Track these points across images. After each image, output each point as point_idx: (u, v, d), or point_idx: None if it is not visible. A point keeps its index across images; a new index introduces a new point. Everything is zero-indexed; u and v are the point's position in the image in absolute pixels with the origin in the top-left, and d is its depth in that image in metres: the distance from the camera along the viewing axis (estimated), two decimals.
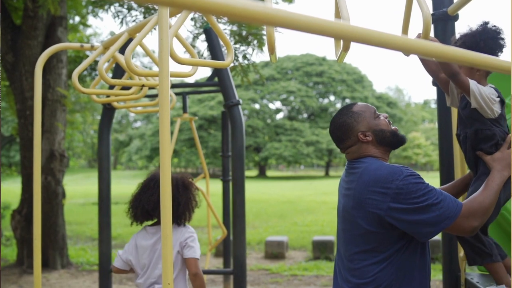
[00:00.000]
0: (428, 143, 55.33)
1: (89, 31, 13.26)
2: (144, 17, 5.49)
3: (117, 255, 2.93)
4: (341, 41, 2.31)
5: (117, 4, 5.45)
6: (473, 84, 1.97)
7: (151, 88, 3.36)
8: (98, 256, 4.34)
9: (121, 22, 5.43)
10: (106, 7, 5.62)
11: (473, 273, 2.66)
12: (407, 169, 1.95)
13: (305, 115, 49.05)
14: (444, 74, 2.03)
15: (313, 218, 13.92)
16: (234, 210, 4.12)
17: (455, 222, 1.83)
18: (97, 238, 10.43)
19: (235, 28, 5.20)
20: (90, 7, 9.99)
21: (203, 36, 5.71)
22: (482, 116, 2.01)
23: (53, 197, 7.76)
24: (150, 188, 2.84)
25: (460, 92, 2.17)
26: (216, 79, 4.31)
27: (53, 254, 7.75)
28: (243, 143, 4.14)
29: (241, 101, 4.22)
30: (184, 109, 4.84)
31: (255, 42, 5.64)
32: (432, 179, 2.12)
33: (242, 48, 5.38)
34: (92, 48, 3.04)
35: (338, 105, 49.35)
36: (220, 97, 40.71)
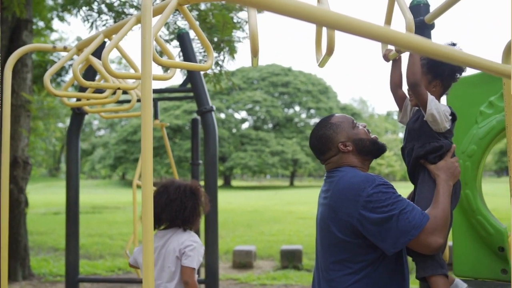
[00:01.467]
0: (391, 153, 56.34)
1: (54, 36, 12.98)
2: (115, 22, 5.39)
3: (134, 252, 3.08)
4: (323, 45, 2.31)
5: (86, 8, 5.33)
6: (431, 97, 2.01)
7: (124, 92, 3.28)
8: (64, 266, 4.19)
9: (91, 26, 5.30)
10: (74, 11, 5.48)
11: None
12: (380, 179, 1.96)
13: (270, 125, 49.24)
14: (407, 81, 2.04)
15: (280, 228, 13.91)
16: (207, 219, 4.06)
17: (421, 236, 1.83)
18: (60, 249, 10.20)
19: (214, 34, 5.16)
20: (55, 12, 9.78)
21: (174, 42, 5.65)
22: (431, 130, 2.04)
23: (16, 205, 7.49)
24: (159, 193, 2.96)
25: (412, 108, 2.22)
26: (189, 85, 4.26)
27: (14, 265, 7.45)
28: (216, 151, 4.09)
29: (214, 108, 4.17)
30: (155, 115, 4.76)
31: (226, 49, 5.62)
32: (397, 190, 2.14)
33: (215, 54, 5.34)
34: (65, 49, 2.94)
35: (303, 116, 49.80)
36: (185, 106, 40.48)
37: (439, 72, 2.09)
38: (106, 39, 2.71)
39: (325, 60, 2.19)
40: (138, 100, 3.65)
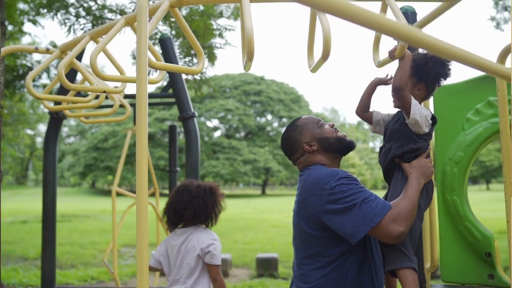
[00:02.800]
0: (362, 162, 57.03)
1: (26, 39, 12.68)
2: (93, 26, 5.30)
3: (151, 255, 3.23)
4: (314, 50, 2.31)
5: (63, 11, 5.22)
6: (414, 102, 2.04)
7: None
8: (35, 276, 4.05)
9: (69, 30, 5.20)
10: (50, 14, 5.36)
11: (438, 284, 2.70)
12: (344, 172, 2.03)
13: (242, 134, 49.23)
14: (393, 84, 2.05)
15: (254, 236, 13.85)
16: None
17: (382, 223, 1.87)
18: (30, 258, 9.93)
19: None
20: (27, 16, 9.58)
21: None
22: (410, 132, 2.07)
23: None
24: (180, 191, 3.15)
25: (383, 120, 2.27)
26: (170, 90, 4.20)
27: None
28: (198, 156, 4.04)
29: (196, 114, 4.12)
30: (135, 121, 4.66)
31: (205, 55, 5.58)
32: None
33: (195, 60, 5.30)
34: (48, 51, 2.86)
35: (275, 124, 49.97)
36: (157, 114, 40.17)
37: (424, 75, 2.11)
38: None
39: (318, 65, 2.18)
40: (121, 105, 3.58)
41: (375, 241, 2.11)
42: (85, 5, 5.33)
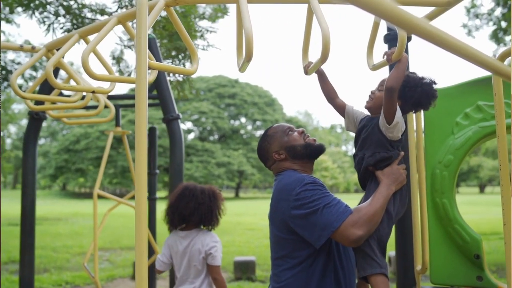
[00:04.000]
0: (335, 166, 57.50)
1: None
2: (73, 25, 5.20)
3: (157, 259, 3.40)
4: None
5: (42, 10, 5.11)
6: (399, 108, 2.07)
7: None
8: (18, 281, 3.94)
9: (47, 29, 5.08)
10: (28, 13, 5.23)
11: (427, 286, 2.72)
12: (310, 178, 2.11)
13: (216, 136, 49.11)
14: (387, 84, 2.05)
15: (230, 239, 13.80)
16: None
17: (341, 228, 1.94)
18: None
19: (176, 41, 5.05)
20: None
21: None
22: (380, 139, 2.10)
23: None
24: (185, 196, 3.26)
25: (354, 114, 2.31)
26: (155, 91, 4.14)
27: None
28: (183, 159, 4.00)
29: (181, 116, 4.07)
30: (117, 122, 4.58)
31: (188, 58, 5.54)
32: None
33: (176, 62, 5.24)
34: (33, 49, 2.79)
35: (249, 127, 50.03)
36: (130, 116, 39.68)
37: (408, 95, 2.12)
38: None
39: (315, 66, 2.17)
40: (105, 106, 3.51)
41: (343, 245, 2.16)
42: (65, 3, 5.22)
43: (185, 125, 48.13)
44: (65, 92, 3.90)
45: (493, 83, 1.88)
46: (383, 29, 3.06)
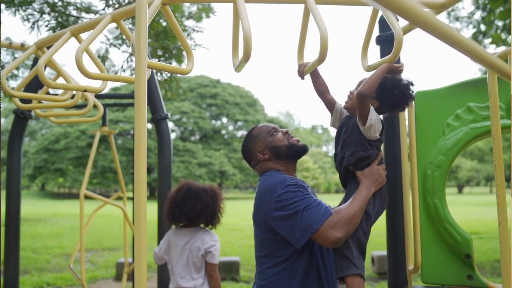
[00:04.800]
0: (316, 166, 57.75)
1: None
2: (58, 23, 5.13)
3: (154, 253, 3.51)
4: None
5: (26, 6, 5.02)
6: (372, 109, 2.09)
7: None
8: (2, 283, 3.87)
9: (32, 27, 5.00)
10: (13, 9, 5.14)
11: (418, 286, 2.74)
12: (292, 180, 2.15)
13: (197, 137, 48.93)
14: (360, 90, 2.07)
15: None
16: (161, 230, 3.91)
17: (320, 229, 1.98)
18: None
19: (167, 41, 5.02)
20: None
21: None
22: (360, 139, 2.13)
23: None
24: (191, 197, 3.35)
25: (341, 112, 2.33)
26: None
27: None
28: (171, 159, 3.97)
29: (169, 115, 4.05)
30: (104, 122, 4.53)
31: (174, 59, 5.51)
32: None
33: (164, 61, 5.20)
34: (22, 47, 2.74)
35: (231, 128, 49.98)
36: (111, 115, 39.32)
37: (385, 96, 2.15)
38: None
39: (313, 66, 2.18)
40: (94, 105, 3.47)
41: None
42: (50, 0, 5.15)
43: None
44: (51, 91, 3.84)
45: (489, 85, 1.91)
46: (375, 31, 3.08)
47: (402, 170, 2.77)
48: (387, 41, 2.88)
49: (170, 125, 46.29)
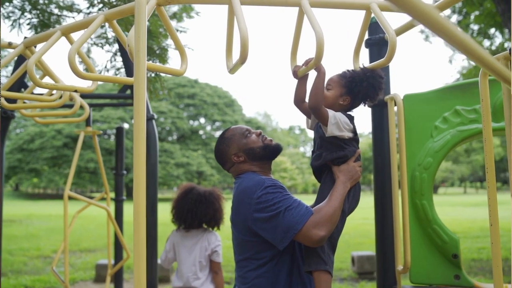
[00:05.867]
0: (294, 167, 57.96)
1: None
2: (40, 21, 5.05)
3: (163, 258, 3.73)
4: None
5: (7, 4, 4.94)
6: (331, 114, 2.11)
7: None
8: None
9: (13, 25, 4.92)
10: None
11: (406, 286, 2.78)
12: (270, 181, 2.14)
13: (175, 137, 48.62)
14: (309, 103, 2.12)
15: None
16: (147, 231, 3.88)
17: (303, 229, 1.98)
18: None
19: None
20: None
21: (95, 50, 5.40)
22: (335, 140, 2.15)
23: None
24: (202, 202, 3.60)
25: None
26: (128, 91, 4.07)
27: None
28: (157, 160, 3.95)
29: (155, 116, 4.02)
30: (88, 122, 4.47)
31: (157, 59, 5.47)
32: None
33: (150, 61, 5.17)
34: (10, 46, 2.69)
35: (208, 128, 49.80)
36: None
37: (355, 90, 2.19)
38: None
39: (308, 68, 2.19)
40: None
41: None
42: None
43: None
44: (35, 90, 3.79)
45: (480, 89, 1.95)
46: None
47: (391, 172, 2.80)
48: (376, 44, 2.92)
49: None
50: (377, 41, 2.90)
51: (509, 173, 1.87)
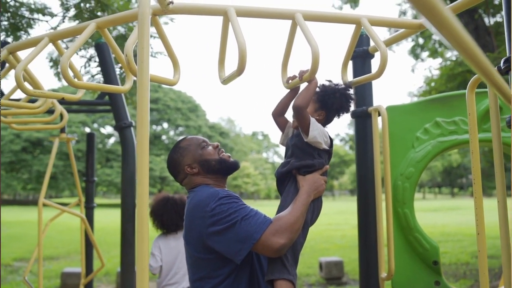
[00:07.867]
0: (257, 172, 58.09)
1: None
2: (11, 24, 4.94)
3: (152, 265, 3.72)
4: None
5: None
6: (313, 120, 2.14)
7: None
8: None
9: None
10: None
11: None
12: (224, 192, 2.06)
13: None
14: (295, 103, 2.12)
15: None
16: (125, 239, 3.84)
17: (262, 238, 1.90)
18: None
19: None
20: None
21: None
22: (310, 148, 2.16)
23: None
24: (180, 207, 3.84)
25: (293, 131, 2.31)
26: (106, 98, 4.03)
27: None
28: (135, 167, 3.91)
29: (134, 123, 3.98)
30: (62, 128, 4.39)
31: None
32: (260, 207, 2.25)
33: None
34: None
35: (172, 133, 49.41)
36: (47, 118, 37.88)
37: (329, 103, 2.22)
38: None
39: (304, 80, 2.22)
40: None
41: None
42: (2, 0, 4.95)
43: (105, 130, 46.67)
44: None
45: (468, 103, 2.03)
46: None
47: (374, 181, 2.87)
48: (360, 57, 3.00)
49: (109, 129, 45.18)
50: (361, 54, 2.98)
51: (466, 178, 1.94)
